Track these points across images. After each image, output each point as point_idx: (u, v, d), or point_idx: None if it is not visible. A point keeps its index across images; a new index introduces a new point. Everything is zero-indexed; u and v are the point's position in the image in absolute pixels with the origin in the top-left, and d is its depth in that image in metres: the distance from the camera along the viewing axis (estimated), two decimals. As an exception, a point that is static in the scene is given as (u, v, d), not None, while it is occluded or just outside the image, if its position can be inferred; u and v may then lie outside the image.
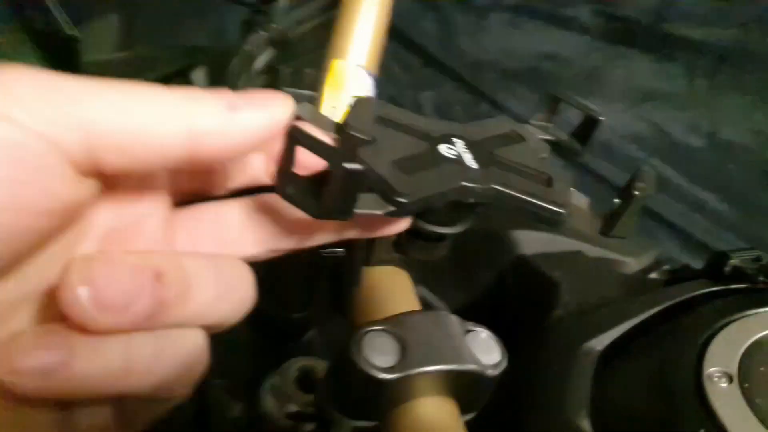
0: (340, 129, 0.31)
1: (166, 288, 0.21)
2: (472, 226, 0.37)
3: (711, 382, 0.29)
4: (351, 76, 0.40)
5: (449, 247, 0.38)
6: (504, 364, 0.29)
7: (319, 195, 0.24)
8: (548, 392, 0.35)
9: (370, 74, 0.40)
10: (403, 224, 0.32)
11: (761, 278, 0.38)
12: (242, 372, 0.40)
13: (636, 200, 0.32)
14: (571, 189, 0.34)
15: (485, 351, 0.29)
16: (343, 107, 0.40)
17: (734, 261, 0.38)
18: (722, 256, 0.39)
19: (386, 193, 0.28)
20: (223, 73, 0.45)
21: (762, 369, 0.30)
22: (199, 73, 0.50)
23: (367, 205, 0.27)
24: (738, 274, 0.39)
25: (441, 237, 0.36)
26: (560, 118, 0.40)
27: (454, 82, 1.38)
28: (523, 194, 0.31)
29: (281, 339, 0.41)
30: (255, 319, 0.40)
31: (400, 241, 0.37)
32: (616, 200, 0.34)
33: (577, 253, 0.51)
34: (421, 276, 0.41)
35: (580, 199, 0.35)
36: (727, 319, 0.34)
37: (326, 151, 0.24)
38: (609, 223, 0.33)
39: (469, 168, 0.32)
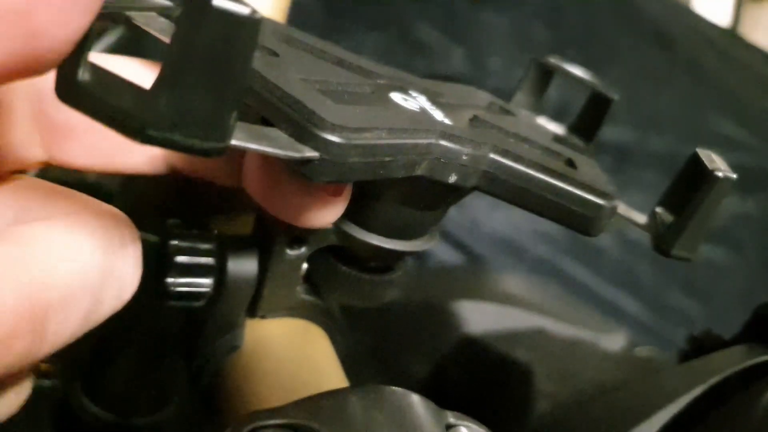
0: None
1: None
2: (396, 299, 0.25)
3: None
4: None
5: (395, 294, 0.25)
6: None
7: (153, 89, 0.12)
8: None
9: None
10: (335, 209, 0.18)
11: None
12: None
13: (717, 187, 0.21)
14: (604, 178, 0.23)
15: None
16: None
17: None
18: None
19: (302, 123, 0.16)
20: None
21: None
22: None
23: (258, 139, 0.15)
24: None
25: (391, 260, 0.23)
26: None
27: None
28: (542, 172, 0.21)
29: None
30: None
31: (316, 273, 0.23)
32: (658, 209, 0.23)
33: (540, 330, 0.39)
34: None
35: (602, 180, 0.23)
36: None
37: None
38: (672, 233, 0.22)
39: (445, 124, 0.19)
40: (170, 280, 0.20)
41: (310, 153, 0.15)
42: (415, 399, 0.19)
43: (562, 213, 0.21)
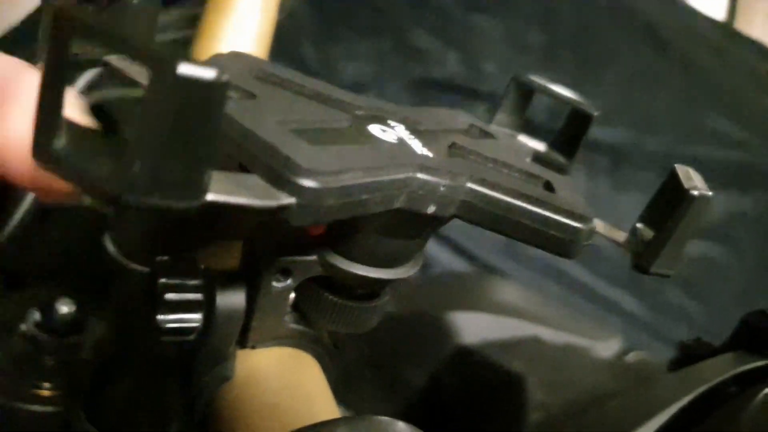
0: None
1: None
2: (392, 312, 0.25)
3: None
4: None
5: (377, 319, 0.25)
6: None
7: (123, 149, 0.13)
8: None
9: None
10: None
11: None
12: None
13: (694, 205, 0.22)
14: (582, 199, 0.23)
15: None
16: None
17: None
18: (759, 316, 0.29)
19: (277, 170, 0.16)
20: None
21: None
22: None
23: (236, 192, 0.15)
24: None
25: (377, 288, 0.23)
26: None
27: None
28: (519, 199, 0.20)
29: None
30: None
31: (304, 302, 0.24)
32: (639, 225, 0.24)
33: (535, 339, 0.40)
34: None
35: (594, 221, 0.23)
36: None
37: (137, 49, 0.12)
38: (650, 251, 0.23)
39: (422, 156, 0.20)
40: (161, 317, 0.20)
41: (287, 200, 0.16)
42: (401, 426, 0.20)
43: (541, 238, 0.22)
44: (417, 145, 0.21)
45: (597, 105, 1.13)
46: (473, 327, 0.41)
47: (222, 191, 0.14)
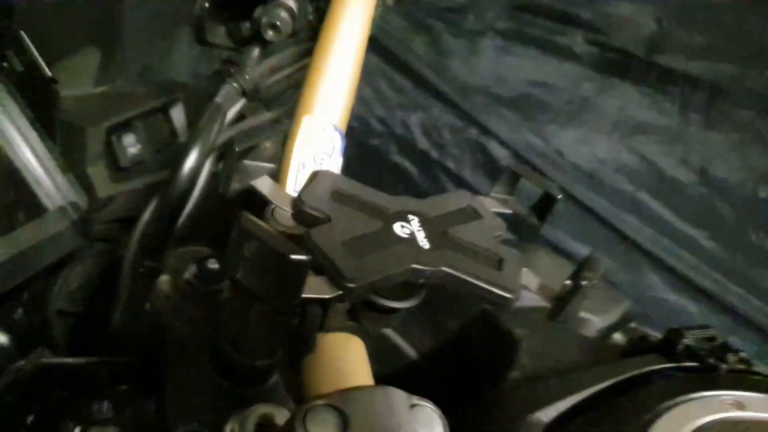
0: (296, 205, 0.31)
1: None
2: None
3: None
4: (320, 133, 0.37)
5: (401, 318, 0.37)
6: None
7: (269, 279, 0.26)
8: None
9: (339, 131, 0.37)
10: None
11: (712, 360, 0.38)
12: (206, 416, 0.39)
13: (584, 289, 0.31)
14: (523, 269, 0.33)
15: (427, 425, 0.29)
16: (310, 165, 0.37)
17: (687, 340, 0.40)
18: (676, 334, 0.39)
19: (335, 278, 0.28)
20: (200, 110, 0.43)
21: None
22: (177, 110, 0.48)
23: (316, 289, 0.28)
24: (690, 353, 0.40)
25: (393, 310, 0.34)
26: (517, 191, 0.40)
27: (443, 106, 1.36)
28: (472, 278, 0.31)
29: (245, 384, 0.40)
30: (220, 363, 0.38)
31: (354, 310, 0.35)
32: (567, 282, 0.33)
33: (543, 310, 0.50)
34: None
35: (531, 280, 0.33)
36: (671, 402, 0.34)
37: (274, 242, 0.25)
38: (557, 308, 0.32)
39: (420, 249, 0.31)
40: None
41: (340, 292, 0.27)
42: (398, 393, 0.30)
43: (485, 300, 0.32)
44: (421, 237, 0.31)
45: (698, 40, 1.12)
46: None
47: (307, 291, 0.26)
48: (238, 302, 0.36)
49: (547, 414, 0.36)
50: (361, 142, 1.40)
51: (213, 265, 0.43)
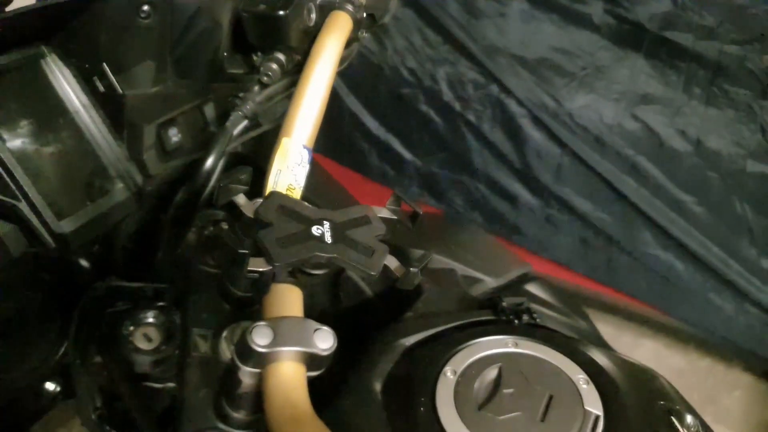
0: (255, 214, 0.48)
1: None
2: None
3: (444, 375, 0.47)
4: (293, 152, 0.54)
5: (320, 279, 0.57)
6: (333, 348, 0.42)
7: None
8: (362, 375, 0.49)
9: (307, 149, 0.55)
10: None
11: (512, 316, 0.55)
12: (211, 325, 0.55)
13: (411, 274, 0.49)
14: (388, 256, 0.50)
15: (324, 341, 0.42)
16: (284, 172, 0.55)
17: (505, 303, 0.56)
18: (498, 299, 0.57)
19: (268, 260, 0.46)
20: (227, 108, 0.61)
21: (473, 371, 0.47)
22: (209, 108, 0.65)
23: (257, 264, 0.45)
24: (503, 311, 0.56)
25: (312, 275, 0.55)
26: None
27: (469, 63, 1.48)
28: (350, 261, 0.49)
29: (238, 308, 0.56)
30: (223, 293, 0.59)
31: (293, 272, 0.54)
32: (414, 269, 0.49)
33: (450, 271, 0.68)
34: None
35: (392, 262, 0.50)
36: (474, 341, 0.50)
37: (233, 243, 0.45)
38: (404, 279, 0.49)
39: (325, 243, 0.49)
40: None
41: (270, 267, 0.45)
42: (309, 322, 0.43)
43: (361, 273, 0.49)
44: (328, 235, 0.48)
45: (708, 20, 1.21)
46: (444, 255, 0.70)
47: (251, 265, 0.45)
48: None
49: (409, 341, 0.52)
50: (392, 90, 1.55)
51: (224, 225, 0.62)
